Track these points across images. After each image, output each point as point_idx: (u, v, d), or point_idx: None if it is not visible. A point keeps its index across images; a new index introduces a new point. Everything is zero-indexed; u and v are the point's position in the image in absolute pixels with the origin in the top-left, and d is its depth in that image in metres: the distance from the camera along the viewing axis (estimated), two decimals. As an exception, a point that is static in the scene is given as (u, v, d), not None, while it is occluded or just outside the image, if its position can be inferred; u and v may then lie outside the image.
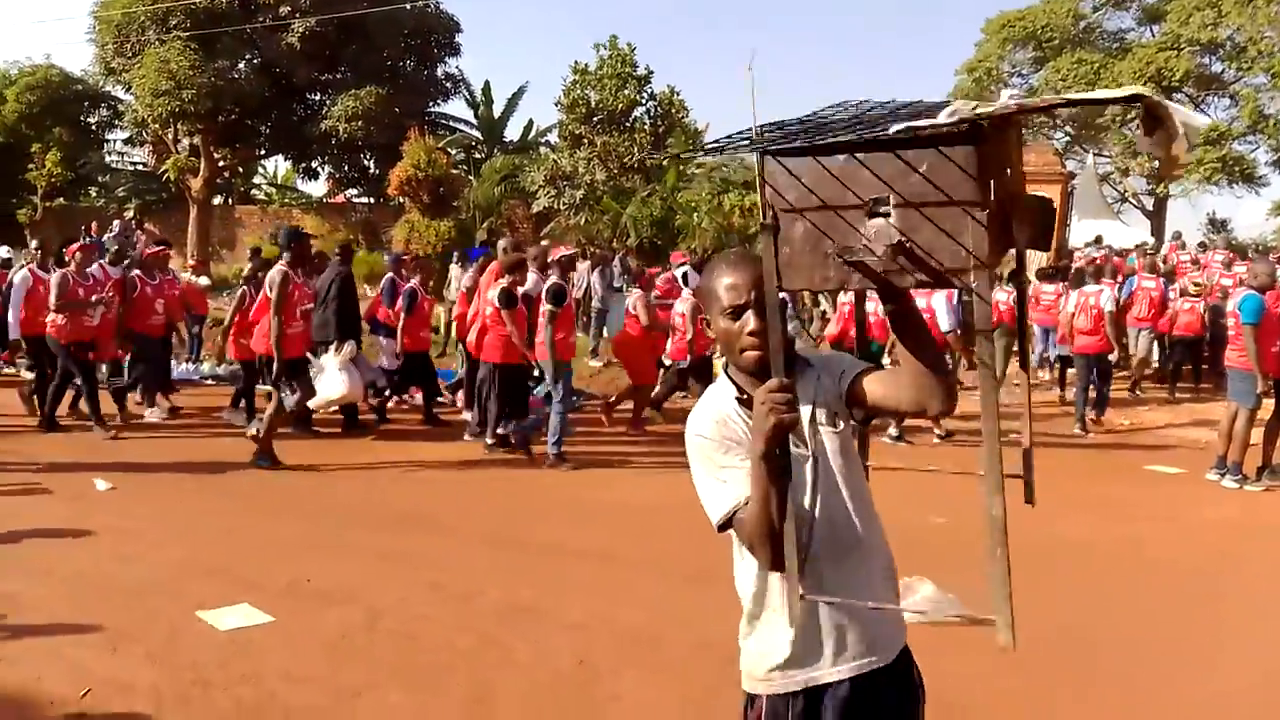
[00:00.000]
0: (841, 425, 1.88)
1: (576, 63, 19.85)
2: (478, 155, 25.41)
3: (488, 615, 4.45)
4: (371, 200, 25.68)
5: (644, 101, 19.88)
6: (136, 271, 9.24)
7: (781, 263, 1.69)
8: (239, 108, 22.21)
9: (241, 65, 22.66)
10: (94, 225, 17.85)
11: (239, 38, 22.29)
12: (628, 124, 19.71)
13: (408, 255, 11.65)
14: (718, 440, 1.86)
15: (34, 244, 10.30)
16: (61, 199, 25.49)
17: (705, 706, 3.50)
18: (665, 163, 19.09)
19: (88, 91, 25.41)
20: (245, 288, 9.02)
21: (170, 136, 23.64)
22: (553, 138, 24.63)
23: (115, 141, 27.74)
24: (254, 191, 31.10)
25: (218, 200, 26.14)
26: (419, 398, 9.86)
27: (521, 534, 5.80)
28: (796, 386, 1.69)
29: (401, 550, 5.40)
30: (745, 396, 1.83)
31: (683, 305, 9.51)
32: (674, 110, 20.05)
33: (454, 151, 23.81)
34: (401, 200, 20.17)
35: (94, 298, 8.34)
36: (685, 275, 10.90)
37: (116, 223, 17.70)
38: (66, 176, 24.85)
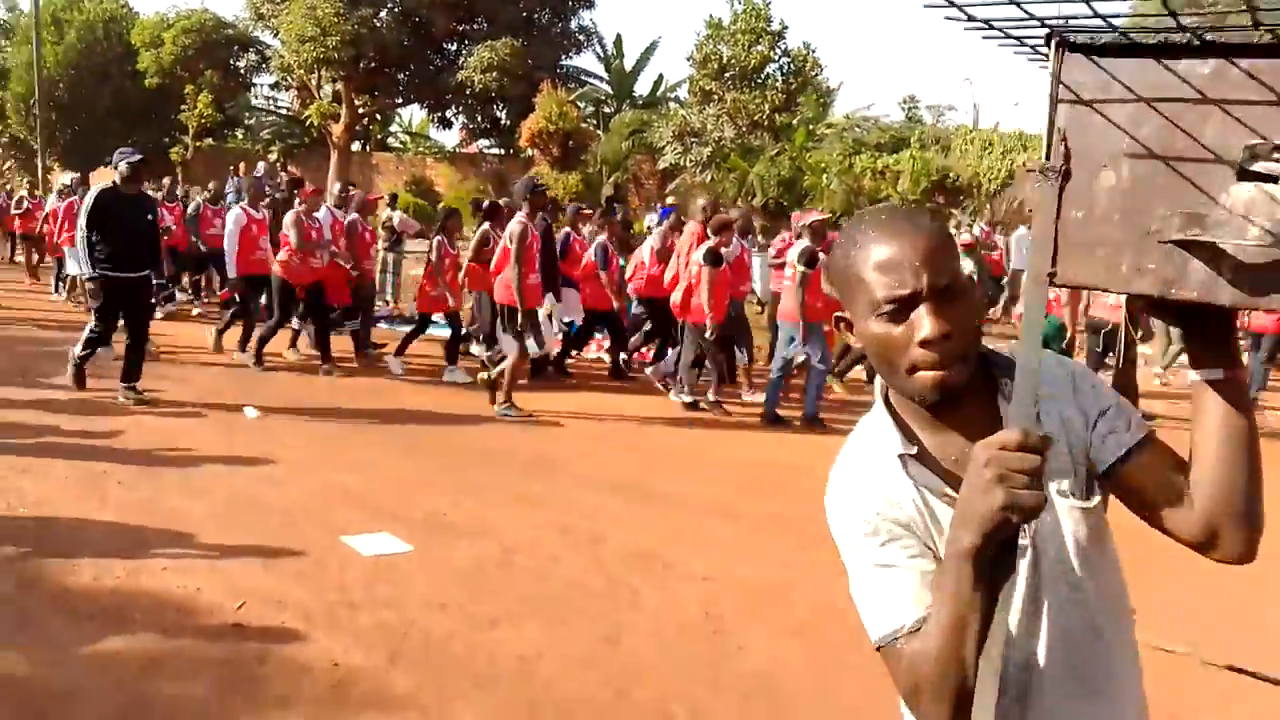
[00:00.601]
0: (1095, 499, 1.21)
1: (710, 17, 19.66)
2: (607, 109, 25.52)
3: (615, 560, 4.57)
4: (502, 152, 26.13)
5: (776, 58, 19.55)
6: (355, 215, 9.54)
7: (1063, 238, 1.07)
8: (379, 56, 22.84)
9: (383, 14, 23.24)
10: (241, 166, 18.72)
11: (383, -14, 22.87)
12: (759, 80, 19.44)
13: (588, 209, 11.40)
14: (872, 522, 1.23)
15: (235, 182, 11.23)
16: (210, 139, 26.83)
17: (832, 667, 3.53)
18: (795, 121, 18.79)
19: (238, 36, 26.49)
20: (440, 238, 9.11)
21: (314, 82, 24.53)
22: (682, 93, 24.55)
23: (262, 86, 28.98)
24: (390, 139, 32.02)
25: (356, 146, 27.02)
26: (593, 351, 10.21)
27: (648, 485, 5.89)
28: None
29: (534, 493, 5.58)
30: (916, 449, 1.21)
31: None
32: (807, 67, 19.66)
33: (584, 105, 23.98)
34: (531, 152, 20.48)
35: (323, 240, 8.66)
36: None
37: (261, 164, 18.51)
38: (216, 118, 26.10)
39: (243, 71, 27.61)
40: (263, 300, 9.30)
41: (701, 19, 19.92)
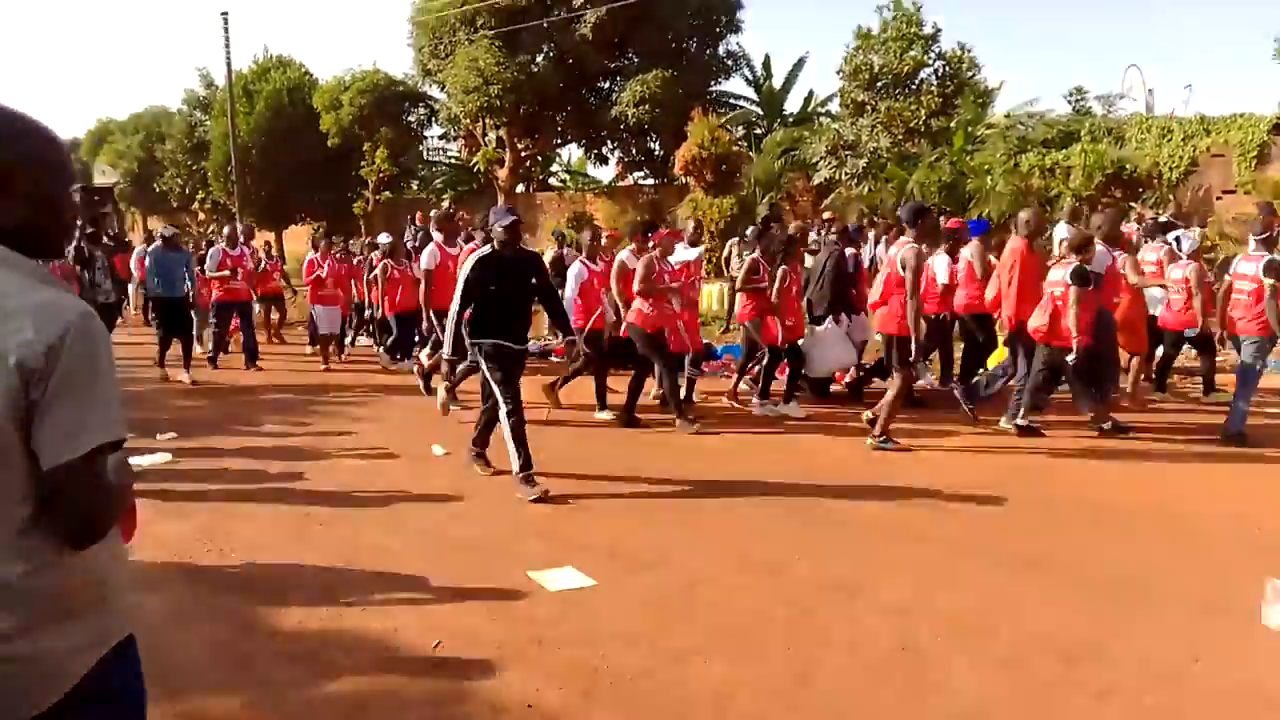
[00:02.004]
0: None
1: (859, 28, 19.25)
2: (758, 130, 25.41)
3: (799, 590, 4.45)
4: (657, 181, 26.45)
5: (931, 62, 18.93)
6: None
7: None
8: (539, 100, 23.59)
9: (540, 59, 24.05)
10: (418, 215, 19.70)
11: (537, 32, 23.64)
12: (913, 87, 18.88)
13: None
14: None
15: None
16: (388, 192, 28.44)
17: (1043, 703, 3.30)
18: (953, 125, 18.11)
19: (408, 92, 28.00)
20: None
21: (479, 130, 25.61)
22: (834, 107, 24.15)
23: (432, 138, 30.47)
24: (551, 179, 33.03)
25: (520, 188, 28.00)
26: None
27: (831, 508, 5.74)
28: None
29: (711, 519, 5.53)
30: None
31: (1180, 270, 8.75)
32: (963, 69, 18.93)
33: (735, 128, 23.97)
34: (685, 180, 20.60)
35: (675, 283, 8.23)
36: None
37: (435, 213, 19.41)
38: (392, 171, 27.63)
39: (414, 125, 29.11)
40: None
41: (850, 30, 19.44)
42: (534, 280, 6.35)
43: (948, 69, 18.85)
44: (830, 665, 3.67)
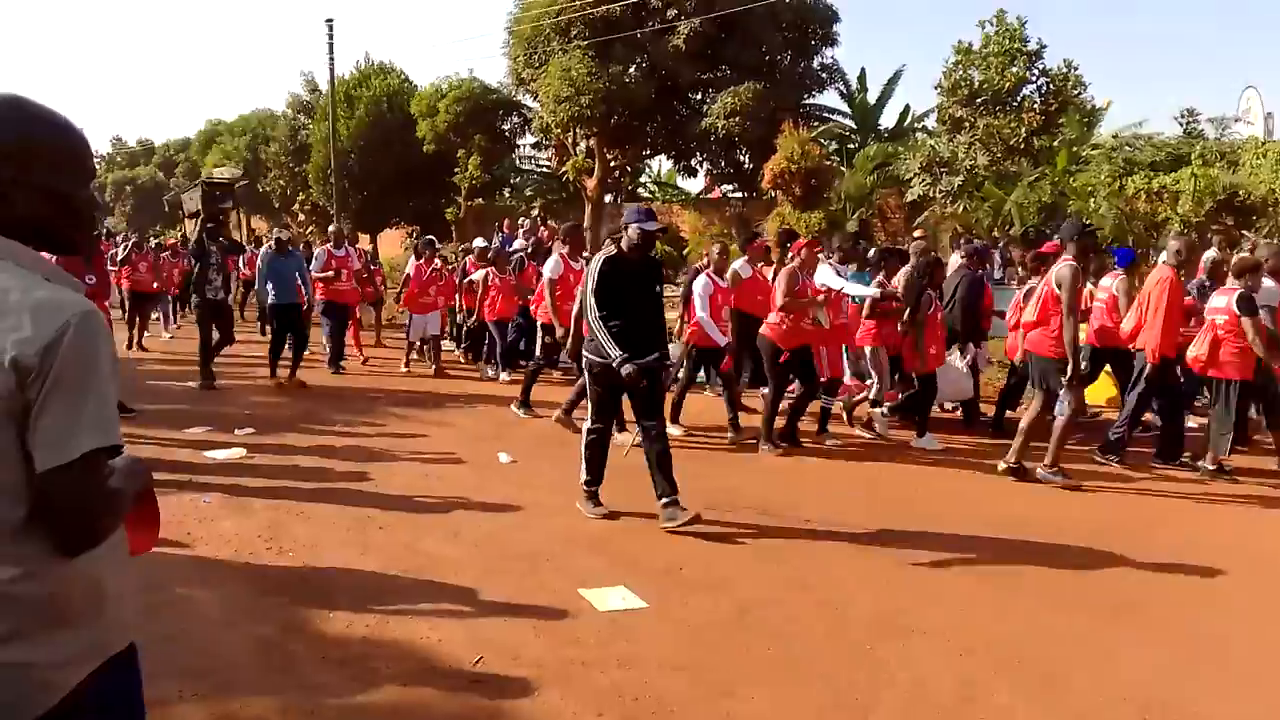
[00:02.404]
0: None
1: (959, 42, 18.81)
2: (851, 145, 25.04)
3: (858, 623, 4.25)
4: (744, 194, 26.28)
5: (1034, 79, 18.35)
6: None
7: None
8: (629, 110, 23.69)
9: (632, 70, 24.15)
10: (505, 223, 19.96)
11: (630, 43, 23.76)
12: (1014, 104, 18.31)
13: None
14: None
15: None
16: (480, 199, 28.92)
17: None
18: (1056, 144, 17.50)
19: (502, 101, 28.47)
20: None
21: (570, 140, 25.85)
22: (930, 123, 23.68)
23: (524, 146, 30.95)
24: (639, 189, 33.14)
25: (609, 198, 28.14)
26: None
27: (901, 540, 5.48)
28: None
29: (770, 545, 5.35)
30: None
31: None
32: (1068, 86, 18.29)
33: (826, 142, 23.65)
34: (773, 193, 20.39)
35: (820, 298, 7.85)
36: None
37: (524, 220, 19.63)
38: (484, 179, 28.10)
39: (507, 134, 29.60)
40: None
41: (950, 45, 18.97)
42: (656, 289, 5.89)
43: (1051, 86, 18.26)
44: (888, 706, 3.47)
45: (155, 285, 14.72)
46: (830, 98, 26.87)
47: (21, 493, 1.45)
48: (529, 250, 12.59)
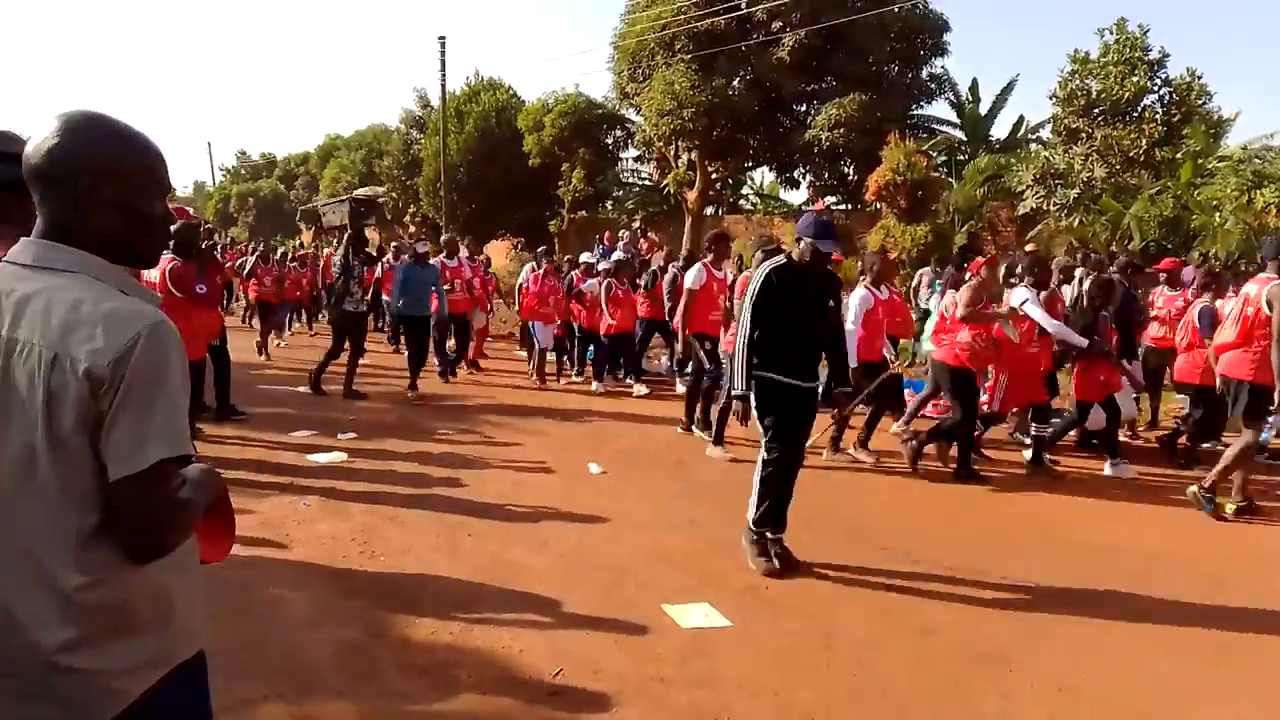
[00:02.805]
0: None
1: (1075, 51, 18.07)
2: (960, 156, 24.36)
3: (945, 655, 4.07)
4: (848, 206, 25.85)
5: (1155, 88, 17.50)
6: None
7: None
8: (731, 123, 23.59)
9: (735, 82, 24.06)
10: (606, 235, 20.11)
11: (734, 56, 23.67)
12: (1134, 114, 17.50)
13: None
14: None
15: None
16: (583, 212, 29.24)
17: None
18: (1179, 156, 16.64)
19: (606, 115, 28.72)
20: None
21: (672, 153, 25.92)
22: (1045, 134, 22.83)
23: (627, 160, 31.15)
24: (741, 201, 32.97)
25: (709, 210, 28.08)
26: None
27: (986, 567, 5.26)
28: None
29: (856, 568, 5.19)
30: None
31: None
32: (1192, 96, 17.37)
33: (934, 154, 23.08)
34: (878, 205, 19.99)
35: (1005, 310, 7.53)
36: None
37: (624, 232, 19.74)
38: (587, 192, 28.41)
39: (610, 147, 29.85)
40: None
41: (1065, 54, 18.21)
42: (830, 305, 5.26)
43: (1175, 96, 17.37)
44: (974, 745, 3.32)
45: (279, 296, 15.06)
46: (940, 108, 26.36)
47: (93, 501, 1.48)
48: (631, 262, 12.64)
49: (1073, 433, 8.43)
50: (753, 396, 5.04)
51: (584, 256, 13.21)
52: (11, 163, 1.73)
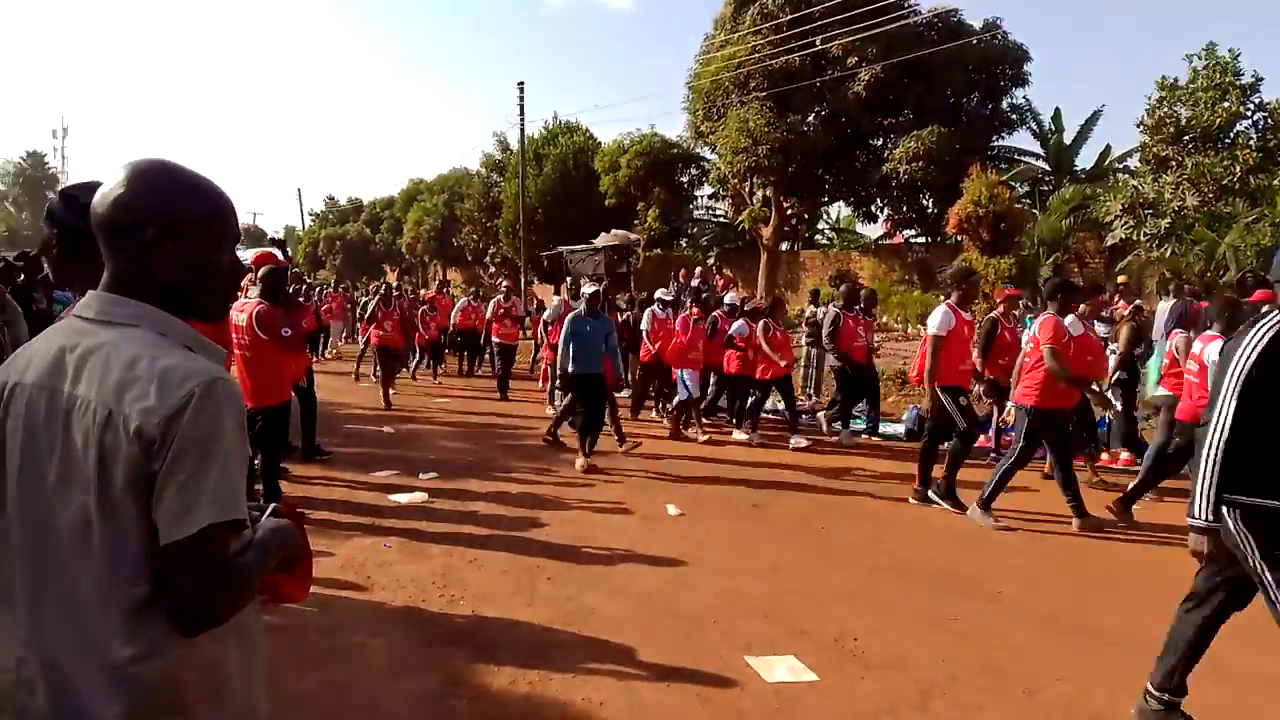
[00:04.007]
0: None
1: (1163, 78, 17.55)
2: (1044, 187, 23.81)
3: (1053, 715, 3.85)
4: (927, 240, 25.45)
5: (1249, 113, 16.86)
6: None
7: None
8: (806, 158, 23.53)
9: (811, 118, 24.01)
10: (681, 272, 20.10)
11: (809, 92, 23.66)
12: (1227, 141, 16.88)
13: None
14: None
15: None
16: (658, 249, 29.39)
17: None
18: (1277, 183, 15.95)
19: (681, 154, 28.95)
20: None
21: (746, 190, 25.93)
22: (1133, 163, 22.18)
23: (701, 197, 31.32)
24: (816, 236, 32.77)
25: (784, 246, 27.93)
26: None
27: (1096, 622, 4.98)
28: None
29: (953, 619, 4.96)
30: None
31: None
32: (1288, 120, 16.68)
33: (1017, 185, 22.60)
34: (958, 238, 19.62)
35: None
36: None
37: (698, 269, 19.70)
38: (662, 229, 28.60)
39: (685, 186, 30.05)
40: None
41: (1153, 82, 17.68)
42: None
43: (1270, 121, 16.71)
44: (1084, 817, 3.09)
45: (401, 340, 14.09)
46: (1022, 139, 25.92)
47: (145, 568, 1.41)
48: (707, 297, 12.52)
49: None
50: (1245, 529, 3.23)
51: (728, 298, 12.70)
52: None
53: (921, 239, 26.10)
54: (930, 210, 24.05)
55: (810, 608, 5.08)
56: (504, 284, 17.34)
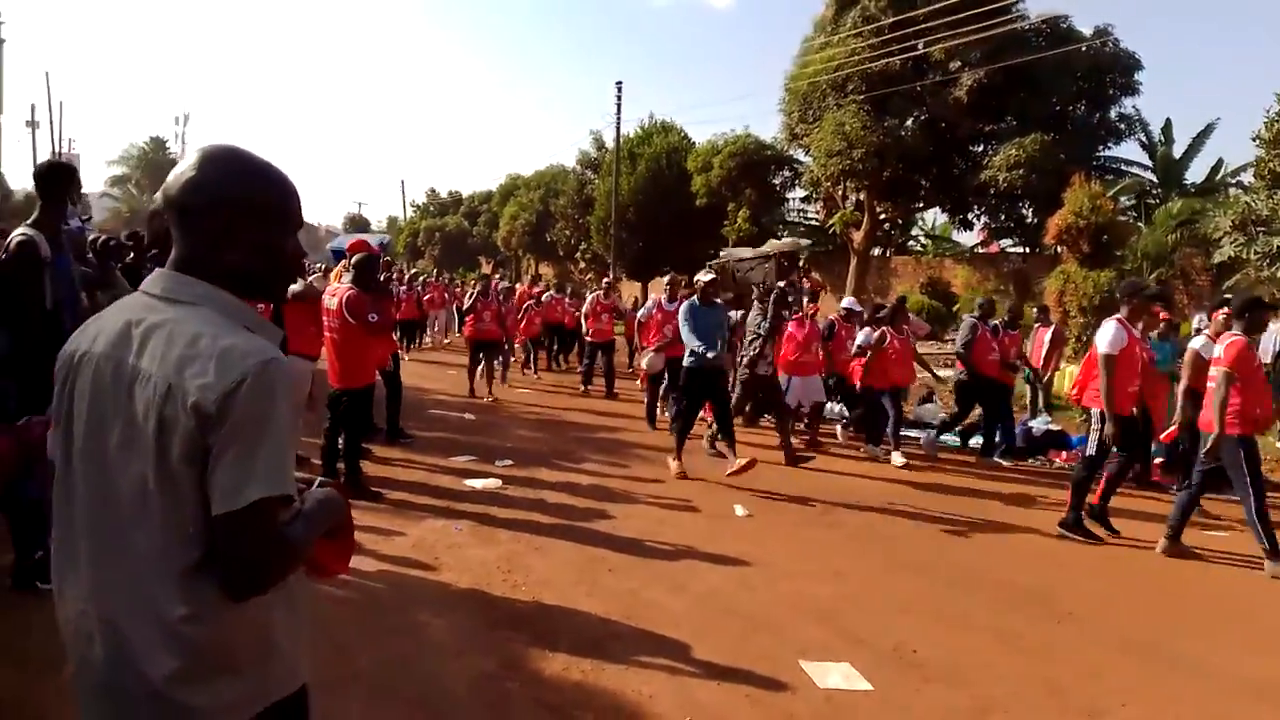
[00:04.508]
0: None
1: (1281, 91, 16.67)
2: (1150, 200, 22.90)
3: (1115, 742, 3.74)
4: (1025, 250, 24.73)
5: (1373, 130, 15.88)
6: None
7: None
8: (902, 163, 23.11)
9: (909, 122, 23.58)
10: (767, 274, 19.91)
11: (909, 96, 23.23)
12: (1355, 154, 15.93)
13: None
14: None
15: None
16: (746, 251, 29.23)
17: None
18: None
19: (775, 156, 28.74)
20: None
21: (839, 193, 25.61)
22: (1246, 178, 21.15)
23: (793, 200, 31.03)
24: (910, 243, 32.16)
25: (875, 251, 27.50)
26: None
27: (1174, 647, 4.80)
28: None
29: (1021, 635, 4.85)
30: None
31: None
32: None
33: (1122, 197, 21.80)
34: (1057, 249, 19.01)
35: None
36: None
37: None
38: (752, 231, 28.43)
39: (777, 187, 29.82)
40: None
41: (1272, 93, 16.82)
42: None
43: (1404, 135, 15.72)
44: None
45: (497, 333, 13.54)
46: (1129, 149, 24.91)
47: (198, 535, 1.48)
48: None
49: None
50: None
51: (845, 302, 12.12)
52: None
53: (1019, 249, 25.38)
54: (1030, 220, 23.37)
55: (870, 616, 5.04)
56: (605, 280, 17.44)
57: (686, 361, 8.41)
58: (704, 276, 8.83)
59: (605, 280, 17.12)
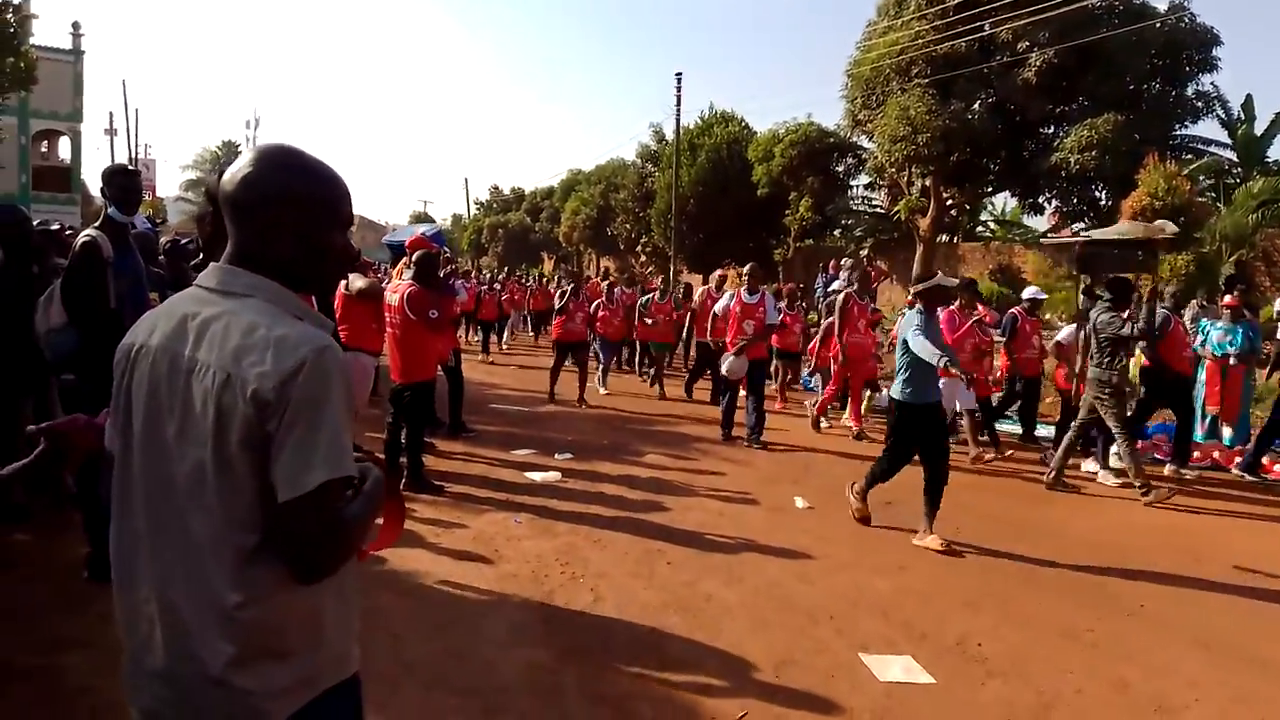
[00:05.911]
0: None
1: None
2: (1230, 180, 22.01)
3: (1188, 742, 3.61)
4: (1099, 234, 23.97)
5: None
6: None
7: None
8: (970, 147, 22.56)
9: (976, 106, 23.01)
10: (831, 263, 19.67)
11: (975, 79, 22.65)
12: None
13: None
14: None
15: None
16: (810, 240, 28.93)
17: None
18: None
19: (837, 143, 28.30)
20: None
21: (904, 179, 25.12)
22: (1338, 154, 20.23)
23: (857, 187, 30.51)
24: (978, 228, 31.46)
25: (942, 238, 26.95)
26: None
27: (1249, 646, 4.62)
28: None
29: (1087, 630, 4.72)
30: None
31: None
32: None
33: (1199, 177, 20.99)
34: (1133, 233, 18.40)
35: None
36: None
37: (847, 259, 19.21)
38: (815, 220, 28.10)
39: (840, 175, 29.38)
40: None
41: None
42: None
43: None
44: None
45: (586, 335, 13.06)
46: (1207, 127, 24.00)
47: (254, 521, 1.52)
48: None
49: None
50: None
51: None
52: None
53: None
54: (1103, 203, 22.63)
55: (933, 610, 4.95)
56: (653, 283, 17.31)
57: (899, 395, 6.37)
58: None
59: (653, 284, 16.77)
